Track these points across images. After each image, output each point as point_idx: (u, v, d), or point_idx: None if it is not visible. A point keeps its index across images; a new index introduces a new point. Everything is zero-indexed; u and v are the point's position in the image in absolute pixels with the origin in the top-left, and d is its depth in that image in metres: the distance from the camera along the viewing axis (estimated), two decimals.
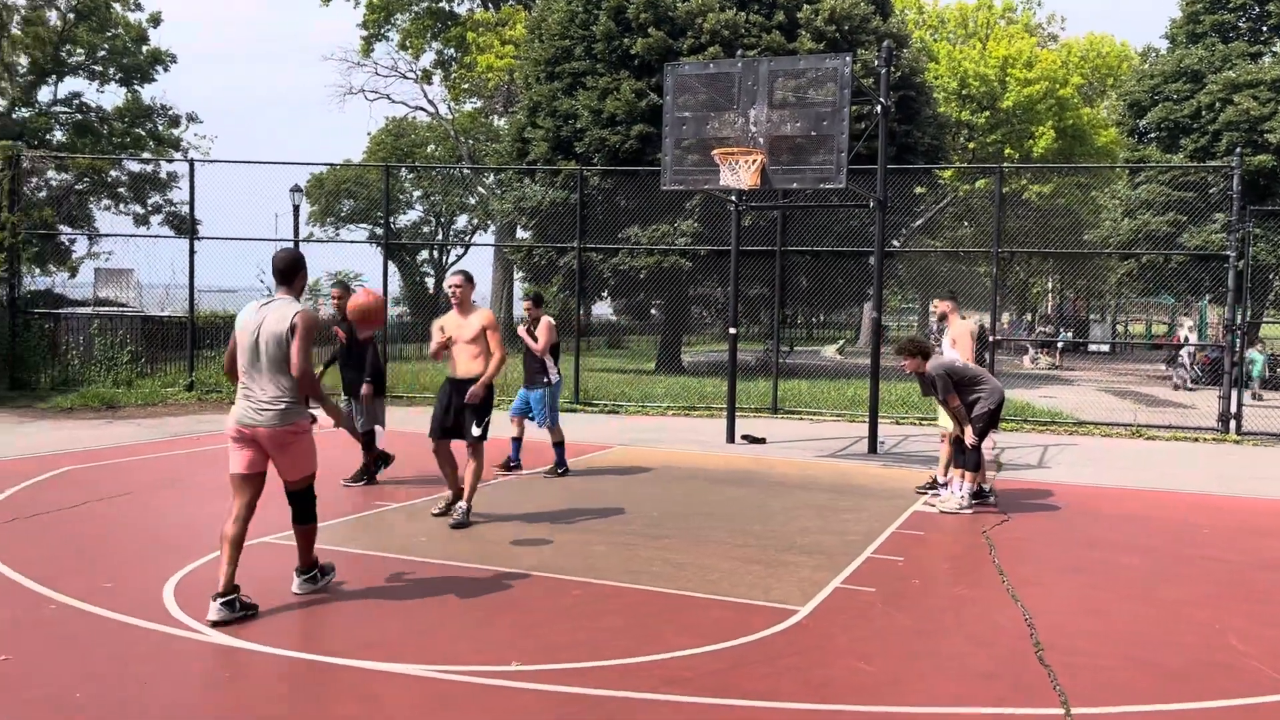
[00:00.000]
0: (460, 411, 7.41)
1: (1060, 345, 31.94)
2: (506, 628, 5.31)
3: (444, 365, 7.78)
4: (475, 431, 7.42)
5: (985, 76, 37.64)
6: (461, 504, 7.57)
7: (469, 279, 7.69)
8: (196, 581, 5.94)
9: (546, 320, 9.96)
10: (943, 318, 9.60)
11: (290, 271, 5.50)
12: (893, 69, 17.10)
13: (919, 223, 28.02)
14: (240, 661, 4.77)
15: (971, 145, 39.03)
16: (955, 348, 9.33)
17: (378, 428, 9.29)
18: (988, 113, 38.17)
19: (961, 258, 31.38)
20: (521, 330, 10.05)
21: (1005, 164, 27.30)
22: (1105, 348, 37.62)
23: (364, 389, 9.03)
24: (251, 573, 5.69)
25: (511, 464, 10.10)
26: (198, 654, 4.84)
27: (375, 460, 9.30)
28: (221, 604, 5.18)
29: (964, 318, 9.78)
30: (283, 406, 5.34)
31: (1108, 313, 42.55)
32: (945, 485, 9.03)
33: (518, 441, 10.16)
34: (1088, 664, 4.95)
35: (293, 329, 5.29)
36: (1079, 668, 4.89)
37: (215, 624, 5.11)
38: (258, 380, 5.35)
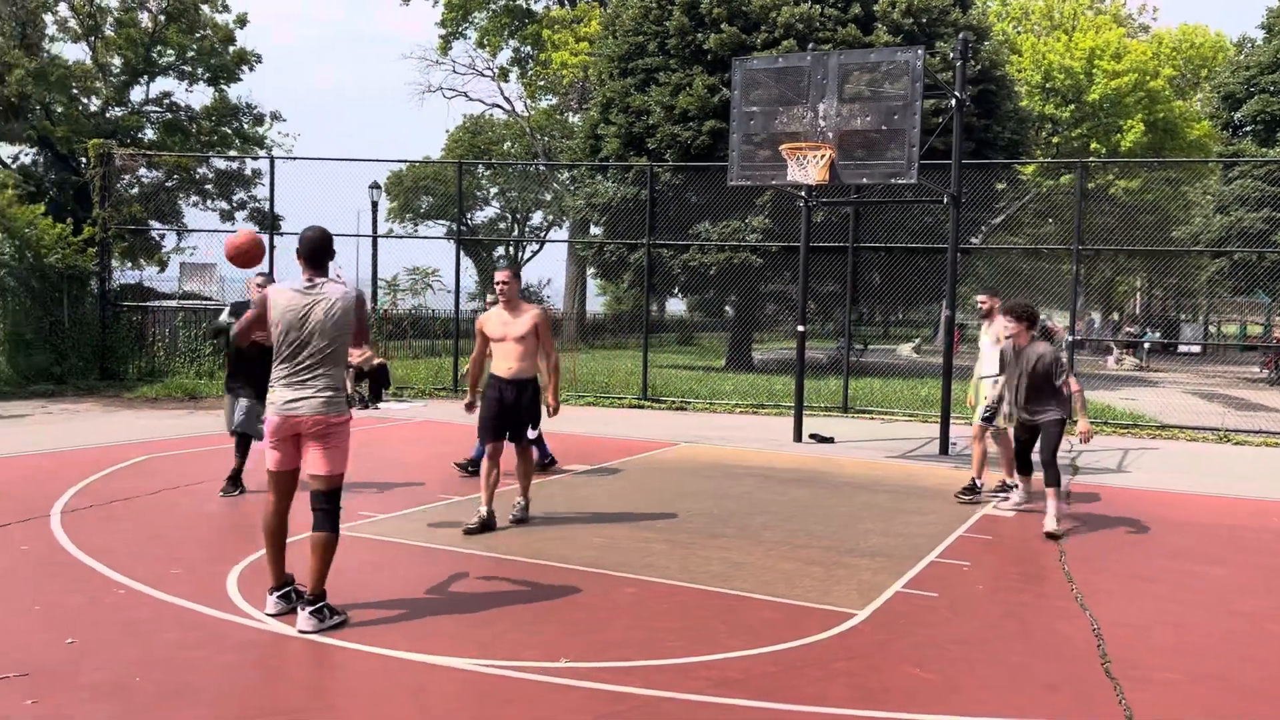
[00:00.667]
0: (515, 413, 7.24)
1: (1146, 345, 30.94)
2: (558, 624, 5.30)
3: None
4: (531, 434, 7.34)
5: (1070, 69, 36.60)
6: (520, 499, 7.56)
7: (516, 274, 7.38)
8: (259, 571, 6.05)
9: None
10: (989, 313, 9.11)
11: (324, 251, 5.24)
12: (971, 62, 16.72)
13: (999, 219, 27.39)
14: (293, 650, 4.84)
15: (1055, 140, 37.99)
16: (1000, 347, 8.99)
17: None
18: (1073, 106, 37.12)
19: (1043, 255, 30.58)
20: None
21: (1088, 159, 26.52)
22: (1195, 349, 36.35)
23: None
24: (307, 564, 5.77)
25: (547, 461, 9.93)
26: (254, 641, 4.92)
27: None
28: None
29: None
30: (330, 394, 5.16)
31: (1198, 312, 41.11)
32: (1015, 487, 8.78)
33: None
34: (1157, 679, 4.75)
35: (350, 313, 5.17)
36: (1147, 682, 4.70)
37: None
38: (306, 366, 5.14)
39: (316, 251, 5.22)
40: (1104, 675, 4.77)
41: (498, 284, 7.27)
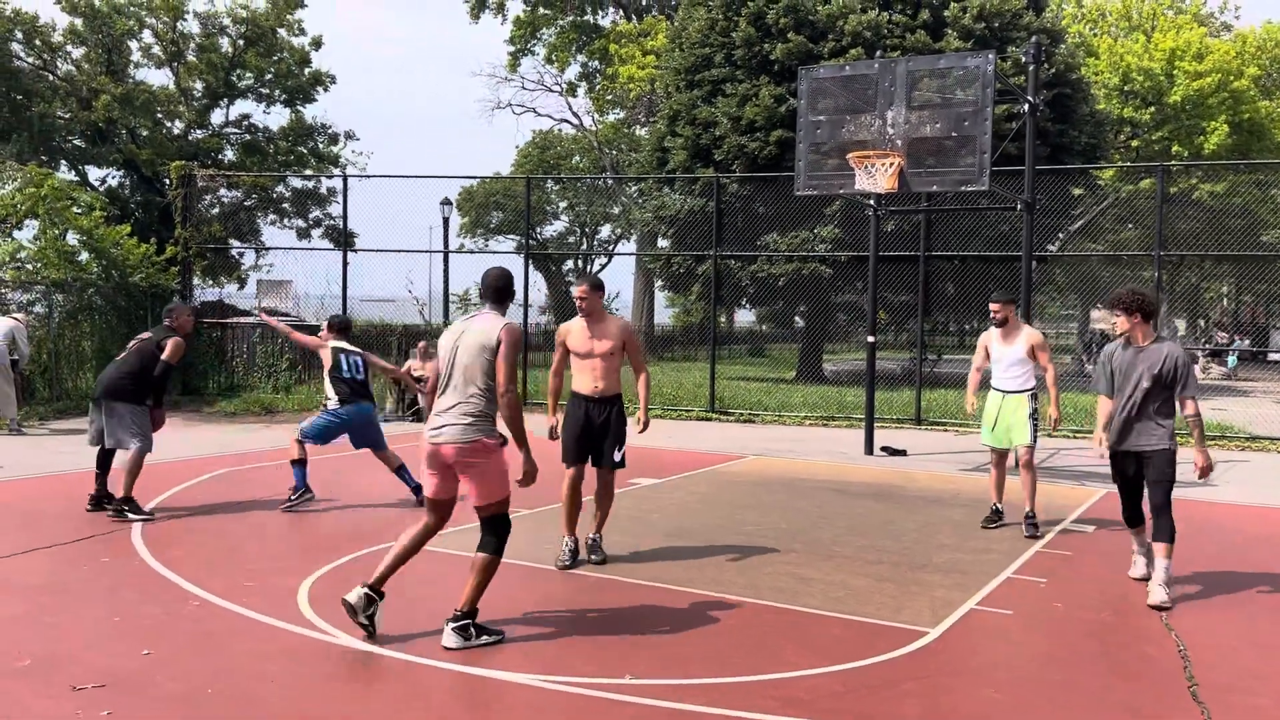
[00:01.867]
0: (600, 434, 6.72)
1: (1234, 354, 29.89)
2: (623, 640, 5.26)
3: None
4: (616, 457, 6.75)
5: (1150, 70, 35.63)
6: (593, 534, 6.91)
7: (597, 286, 6.73)
8: (330, 583, 6.14)
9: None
10: (1005, 322, 7.98)
11: (504, 290, 5.30)
12: (1045, 65, 16.36)
13: (1077, 225, 26.72)
14: (359, 663, 4.88)
15: (1135, 143, 37.00)
16: (1039, 360, 7.91)
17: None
18: (1153, 109, 36.11)
19: (1123, 262, 29.73)
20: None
21: (1169, 163, 25.75)
22: None
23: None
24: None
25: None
26: (324, 654, 4.97)
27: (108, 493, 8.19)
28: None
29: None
30: (468, 421, 5.08)
31: None
32: (1030, 516, 7.98)
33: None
34: (1247, 704, 4.54)
35: (499, 343, 5.08)
36: (1237, 708, 4.49)
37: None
38: (449, 393, 5.14)
39: (490, 287, 5.30)
40: (1191, 699, 4.57)
41: (576, 299, 6.70)
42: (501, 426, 5.20)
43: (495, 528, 5.22)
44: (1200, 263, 36.15)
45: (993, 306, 7.99)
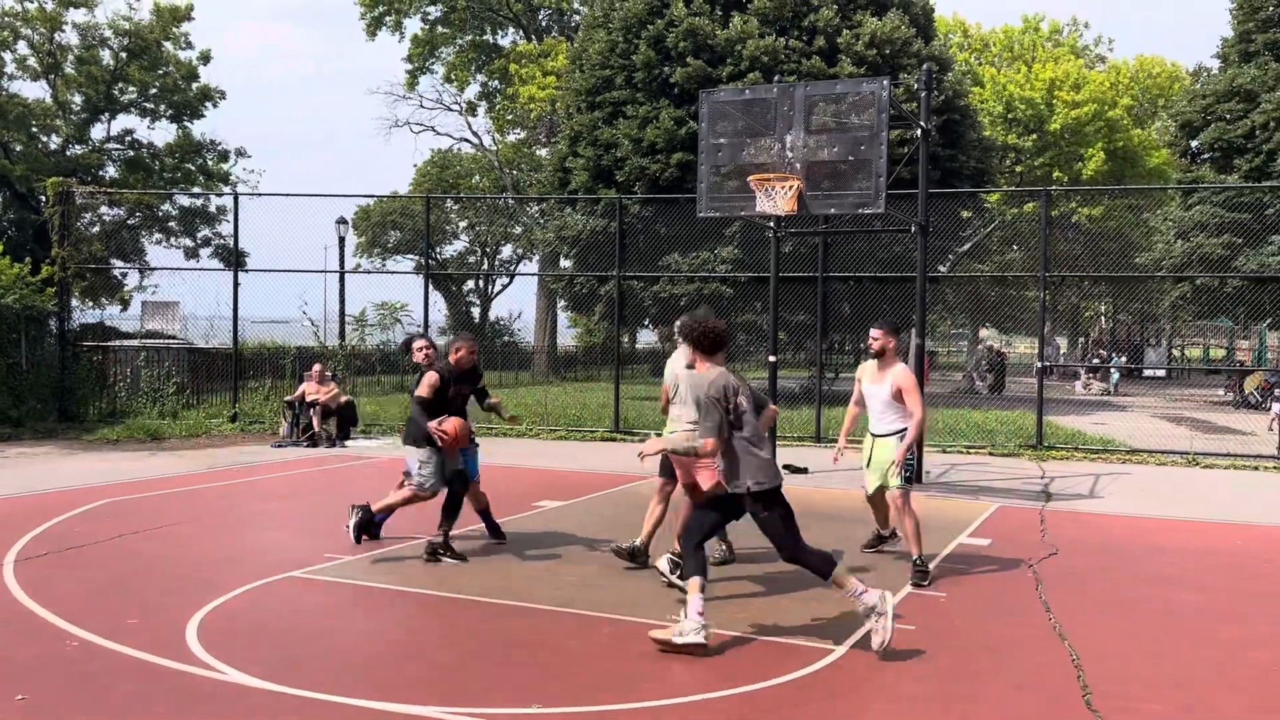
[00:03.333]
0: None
1: (1113, 370, 31.27)
2: (530, 668, 5.16)
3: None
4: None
5: (1031, 99, 37.20)
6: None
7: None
8: (221, 618, 5.88)
9: None
10: (882, 353, 7.43)
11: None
12: (935, 93, 16.88)
13: (966, 248, 27.61)
14: (252, 703, 4.67)
15: (1019, 169, 38.53)
16: (906, 403, 7.28)
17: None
18: (1035, 136, 37.69)
19: (1010, 282, 30.86)
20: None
21: (1052, 187, 26.87)
22: (1161, 373, 36.75)
23: None
24: (271, 608, 5.61)
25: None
26: (213, 694, 4.74)
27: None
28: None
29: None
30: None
31: (1163, 337, 41.61)
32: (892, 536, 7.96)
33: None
34: (1138, 710, 4.68)
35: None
36: (1129, 714, 4.62)
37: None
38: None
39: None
40: (1085, 708, 4.70)
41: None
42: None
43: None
44: (1080, 283, 37.77)
45: (873, 333, 7.41)
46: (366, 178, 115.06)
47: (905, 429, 7.33)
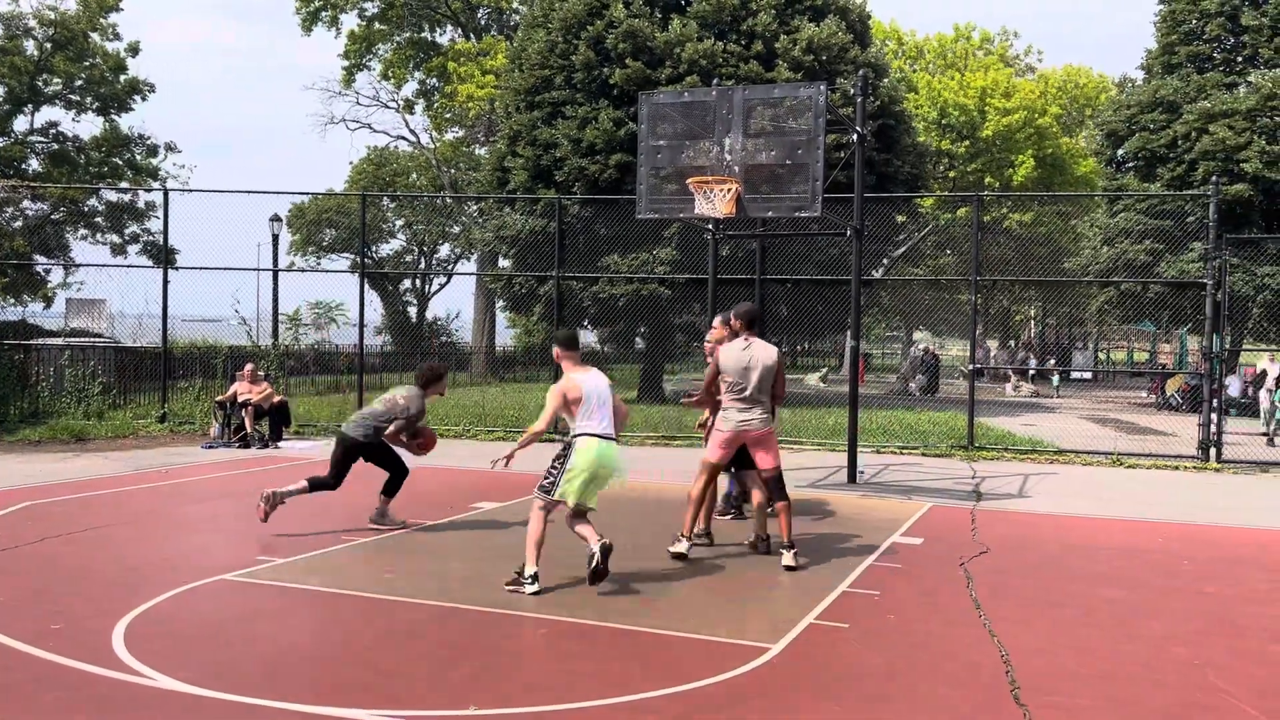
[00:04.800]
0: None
1: (1031, 372, 32.04)
2: (467, 670, 5.12)
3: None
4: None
5: (964, 106, 37.96)
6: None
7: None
8: (149, 623, 5.74)
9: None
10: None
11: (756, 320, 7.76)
12: (871, 98, 17.13)
13: (900, 251, 28.08)
14: (185, 708, 4.57)
15: (952, 174, 39.28)
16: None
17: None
18: (967, 142, 38.46)
19: (943, 286, 31.47)
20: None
21: (984, 193, 27.42)
22: (1087, 375, 37.73)
23: None
24: (202, 612, 5.50)
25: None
26: (141, 701, 4.63)
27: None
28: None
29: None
30: (767, 415, 7.69)
31: (1090, 340, 42.72)
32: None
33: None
34: (1065, 704, 4.80)
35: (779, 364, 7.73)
36: (1057, 709, 4.74)
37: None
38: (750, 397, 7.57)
39: (749, 320, 7.80)
40: (1014, 703, 4.80)
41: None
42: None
43: (780, 484, 7.68)
44: (1011, 287, 38.61)
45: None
46: (301, 175, 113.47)
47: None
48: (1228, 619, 6.40)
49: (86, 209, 28.03)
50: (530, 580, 6.52)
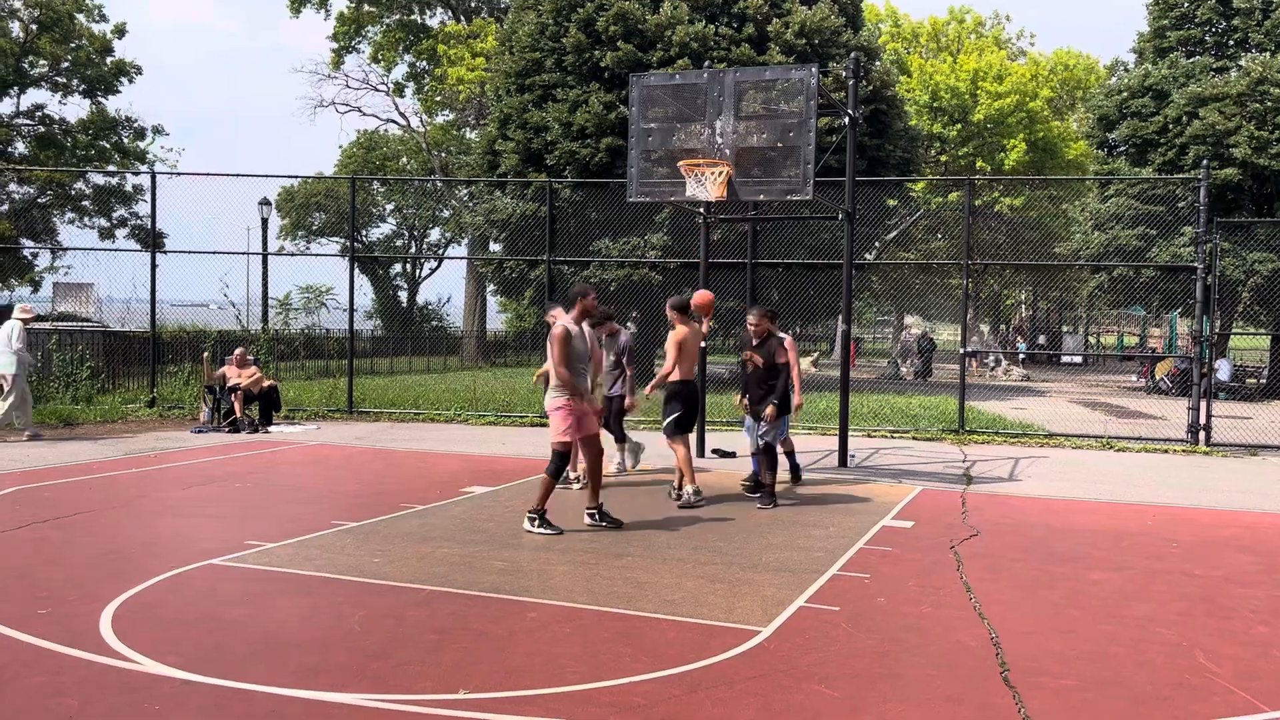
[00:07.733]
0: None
1: (1022, 357, 32.13)
2: (458, 653, 5.12)
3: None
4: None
5: (956, 89, 37.89)
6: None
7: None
8: (137, 607, 5.72)
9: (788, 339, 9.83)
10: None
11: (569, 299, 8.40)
12: (863, 82, 17.08)
13: (892, 235, 28.06)
14: (173, 691, 4.56)
15: (944, 158, 39.24)
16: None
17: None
18: (959, 126, 38.41)
19: (934, 270, 31.46)
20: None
21: (975, 176, 27.38)
22: (1078, 359, 37.85)
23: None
24: (191, 596, 5.48)
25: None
26: (128, 685, 4.61)
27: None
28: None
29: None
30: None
31: (1080, 324, 42.83)
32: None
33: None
34: (1054, 685, 4.82)
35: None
36: (1045, 689, 4.76)
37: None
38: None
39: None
40: (1003, 684, 4.82)
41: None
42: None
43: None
44: (1002, 271, 38.66)
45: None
46: (291, 158, 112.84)
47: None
48: (1215, 601, 6.43)
49: (73, 192, 27.82)
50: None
